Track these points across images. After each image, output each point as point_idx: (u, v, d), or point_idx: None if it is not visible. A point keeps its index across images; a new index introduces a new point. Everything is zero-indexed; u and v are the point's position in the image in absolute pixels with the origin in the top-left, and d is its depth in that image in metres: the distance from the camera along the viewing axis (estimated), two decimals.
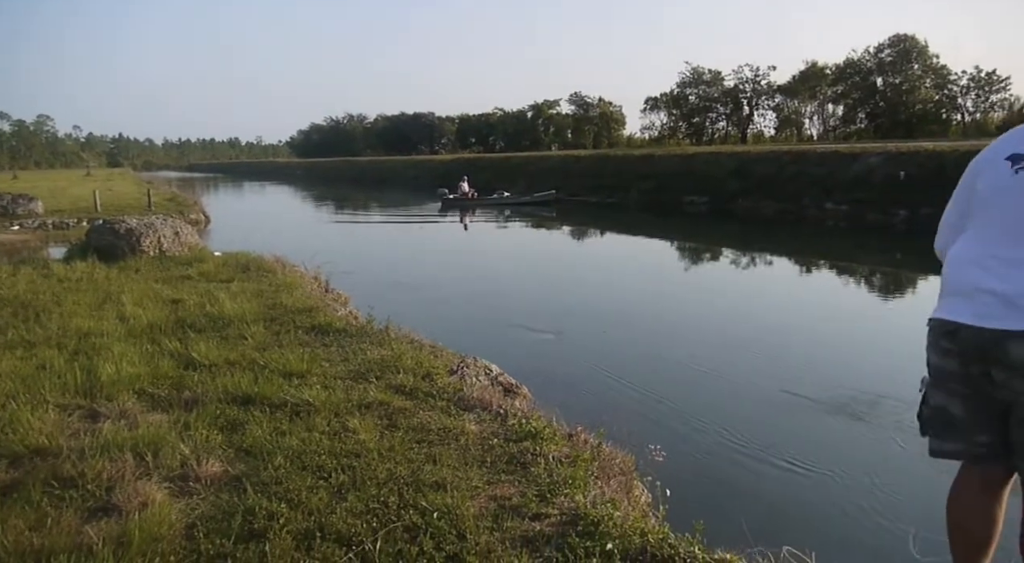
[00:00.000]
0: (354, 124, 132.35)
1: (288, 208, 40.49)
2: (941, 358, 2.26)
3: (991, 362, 2.12)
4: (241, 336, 6.08)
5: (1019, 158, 2.21)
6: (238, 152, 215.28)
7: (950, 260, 2.32)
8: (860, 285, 14.46)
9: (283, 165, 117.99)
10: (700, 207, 29.46)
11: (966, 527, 2.35)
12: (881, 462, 5.05)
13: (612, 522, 2.91)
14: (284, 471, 3.39)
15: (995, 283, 2.12)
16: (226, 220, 26.15)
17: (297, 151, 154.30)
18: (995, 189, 2.25)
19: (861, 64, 64.44)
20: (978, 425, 2.25)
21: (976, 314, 2.12)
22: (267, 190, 62.29)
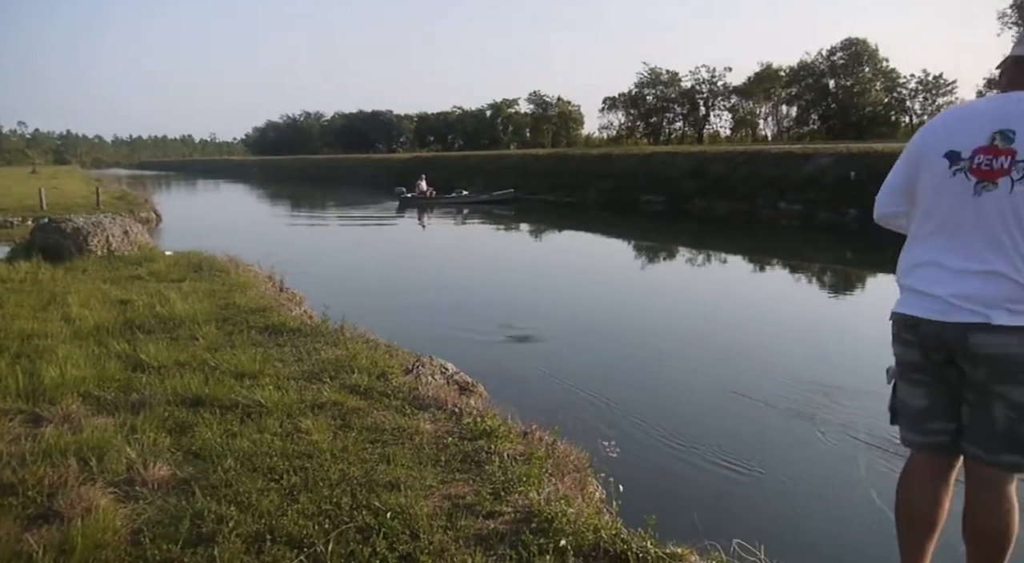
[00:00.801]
0: (311, 122, 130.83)
1: (243, 207, 39.89)
2: (904, 350, 2.39)
3: (954, 352, 2.24)
4: (192, 337, 5.97)
5: (956, 158, 2.26)
6: (191, 149, 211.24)
7: (905, 260, 2.42)
8: (812, 284, 14.73)
9: (238, 163, 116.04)
10: (657, 206, 29.73)
11: (915, 511, 2.42)
12: (829, 458, 5.14)
13: (566, 519, 2.92)
14: (234, 473, 3.33)
15: (944, 289, 2.23)
16: (178, 219, 25.63)
17: (253, 149, 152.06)
18: (935, 191, 2.32)
19: (814, 66, 65.68)
20: (938, 414, 2.36)
21: (934, 311, 2.24)
22: (221, 188, 61.28)
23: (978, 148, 2.22)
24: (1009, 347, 2.16)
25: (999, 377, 2.18)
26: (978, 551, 2.33)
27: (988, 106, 2.32)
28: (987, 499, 2.30)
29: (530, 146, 77.52)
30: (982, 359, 2.19)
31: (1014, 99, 2.26)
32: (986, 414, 2.24)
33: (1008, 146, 2.18)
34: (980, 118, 2.28)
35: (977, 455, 2.29)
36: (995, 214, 2.18)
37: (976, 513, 2.32)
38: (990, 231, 2.19)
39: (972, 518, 2.33)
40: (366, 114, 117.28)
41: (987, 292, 2.18)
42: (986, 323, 2.16)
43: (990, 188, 2.19)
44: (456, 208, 32.71)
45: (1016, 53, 2.36)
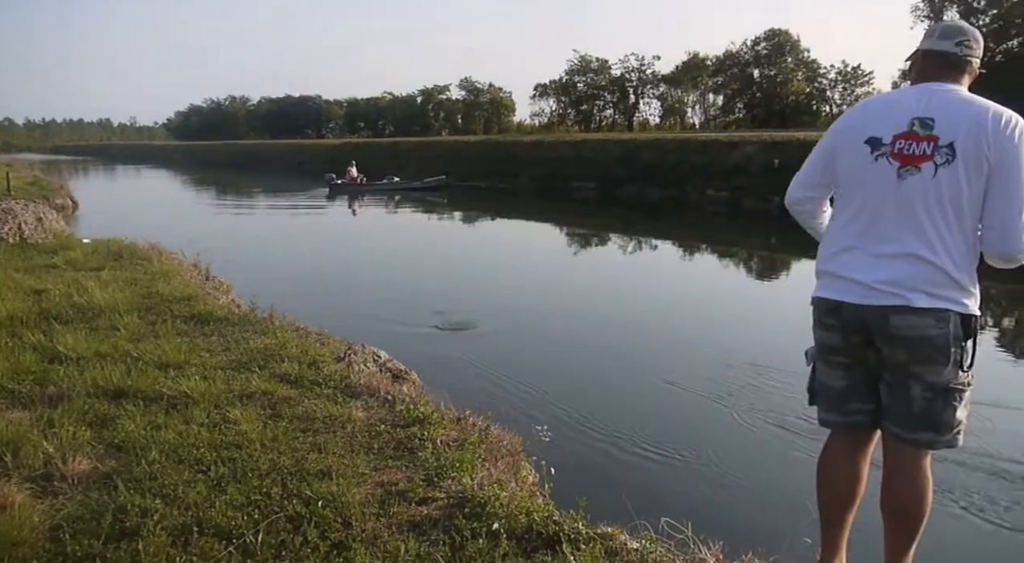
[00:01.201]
0: (236, 106, 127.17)
1: (165, 193, 38.65)
2: (824, 333, 2.44)
3: (874, 334, 2.31)
4: (113, 327, 5.76)
5: (877, 143, 2.34)
6: (110, 134, 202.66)
7: (826, 245, 2.49)
8: (739, 269, 15.14)
9: (160, 148, 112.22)
10: (588, 193, 30.02)
11: (836, 486, 2.52)
12: (752, 439, 5.31)
13: (499, 502, 2.93)
14: (159, 466, 3.24)
15: (865, 274, 2.30)
16: (97, 206, 24.68)
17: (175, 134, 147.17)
18: (856, 176, 2.39)
19: (739, 56, 67.05)
20: (856, 395, 2.44)
21: (856, 294, 2.31)
22: (143, 174, 59.21)
23: (898, 134, 2.31)
24: (927, 329, 2.24)
25: (917, 358, 2.27)
26: (896, 524, 2.43)
27: (904, 96, 2.42)
28: (905, 475, 2.40)
29: (462, 133, 77.11)
30: (901, 341, 2.26)
31: (930, 90, 2.36)
32: (904, 394, 2.33)
33: (928, 132, 2.27)
34: (898, 106, 2.38)
35: (897, 434, 2.38)
36: (918, 198, 2.26)
37: (894, 488, 2.42)
38: (912, 215, 2.27)
39: (890, 493, 2.43)
40: (294, 99, 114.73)
41: (907, 275, 2.25)
42: (906, 306, 2.23)
43: (913, 172, 2.26)
44: (387, 195, 32.38)
45: (924, 47, 2.46)
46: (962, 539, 3.92)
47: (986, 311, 9.33)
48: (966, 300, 2.28)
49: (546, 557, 2.61)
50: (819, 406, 2.55)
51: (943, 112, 2.29)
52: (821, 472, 2.56)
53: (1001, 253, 2.28)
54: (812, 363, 2.57)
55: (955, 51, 2.38)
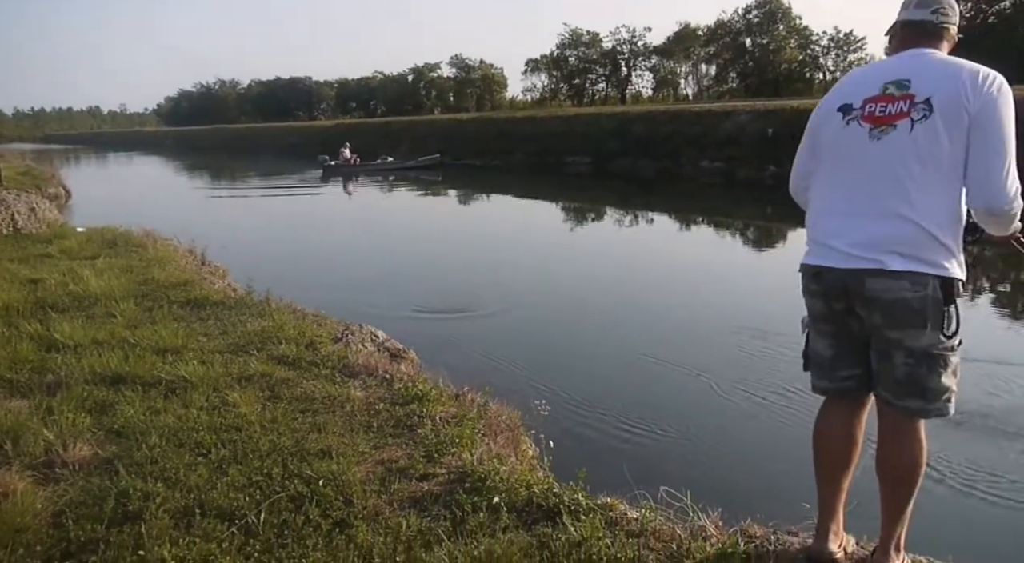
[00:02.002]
0: (227, 90, 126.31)
1: (158, 180, 38.41)
2: (811, 300, 2.45)
3: (853, 298, 2.30)
4: (109, 314, 5.76)
5: (848, 109, 2.34)
6: (100, 121, 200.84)
7: (811, 210, 2.50)
8: (736, 240, 15.12)
9: (151, 134, 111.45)
10: (582, 167, 29.93)
11: (832, 450, 2.52)
12: (749, 407, 5.31)
13: (499, 477, 2.95)
14: (160, 450, 3.25)
15: (843, 238, 2.30)
16: (90, 194, 24.58)
17: (166, 120, 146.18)
18: (832, 142, 2.40)
19: (731, 25, 66.61)
20: (844, 361, 2.44)
21: (835, 259, 2.30)
22: (135, 161, 58.81)
23: (868, 98, 2.31)
24: (903, 292, 2.21)
25: (893, 322, 2.25)
26: (890, 488, 2.45)
27: (881, 65, 2.43)
28: (897, 441, 2.40)
29: (454, 110, 76.74)
30: (876, 304, 2.25)
31: (906, 55, 2.37)
32: (888, 360, 2.32)
33: (904, 92, 2.25)
34: (873, 74, 2.39)
35: (888, 400, 2.38)
36: (895, 157, 2.23)
37: (888, 454, 2.43)
38: (890, 174, 2.24)
39: (884, 458, 2.44)
40: (284, 81, 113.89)
41: (885, 237, 2.22)
42: (880, 269, 2.21)
43: (888, 131, 2.24)
44: (382, 175, 32.23)
45: (902, 17, 2.44)
46: (956, 508, 3.96)
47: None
48: (947, 262, 2.22)
49: (547, 528, 2.63)
50: (812, 373, 2.57)
51: (919, 71, 2.29)
52: (816, 438, 2.57)
53: (986, 206, 2.23)
54: (806, 330, 2.58)
55: (931, 19, 2.37)
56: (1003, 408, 5.08)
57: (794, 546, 2.58)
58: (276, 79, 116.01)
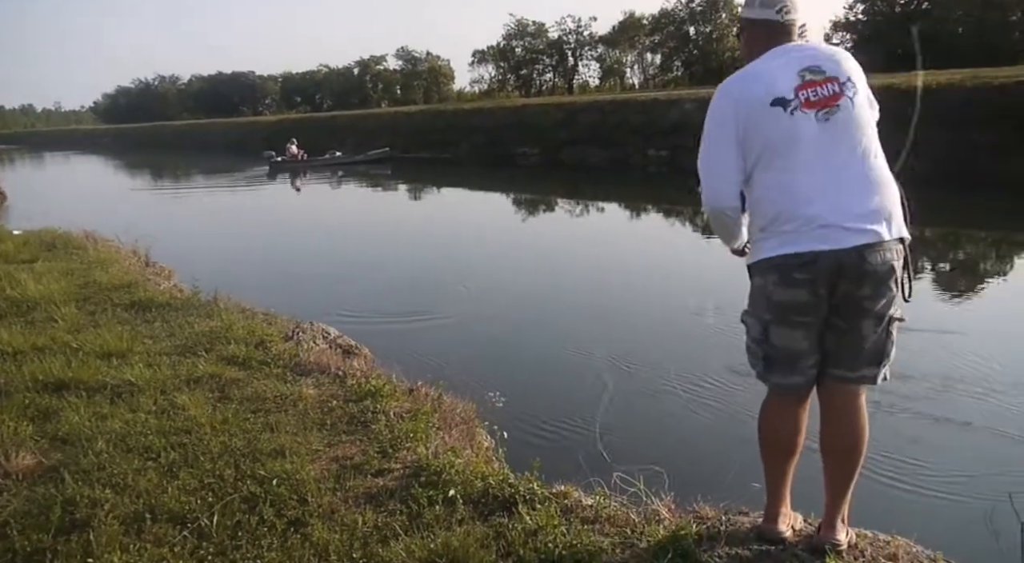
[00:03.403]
0: (166, 86, 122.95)
1: (98, 179, 37.37)
2: (790, 290, 2.34)
3: (845, 277, 2.29)
4: (50, 319, 5.60)
5: (783, 101, 2.35)
6: (34, 120, 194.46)
7: (771, 204, 2.39)
8: (684, 228, 15.29)
9: (88, 133, 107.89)
10: (532, 159, 29.95)
11: (787, 441, 2.55)
12: (699, 392, 5.40)
13: (454, 469, 2.97)
14: (107, 456, 3.18)
15: (834, 216, 2.29)
16: (26, 196, 23.79)
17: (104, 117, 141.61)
18: (781, 135, 2.36)
19: (675, 14, 67.13)
20: (813, 351, 2.43)
21: (831, 240, 2.28)
22: (72, 160, 57.09)
23: (797, 86, 2.35)
24: (893, 260, 2.30)
25: (878, 292, 2.30)
26: (840, 464, 2.51)
27: (772, 62, 2.44)
28: (847, 415, 2.47)
29: (401, 103, 76.01)
30: (870, 277, 2.28)
31: (781, 50, 2.44)
32: (856, 334, 2.36)
33: (824, 76, 2.37)
34: (776, 71, 2.40)
35: (842, 376, 2.43)
36: (847, 133, 2.33)
37: (839, 430, 2.49)
38: (849, 150, 2.33)
39: (834, 435, 2.50)
40: (226, 76, 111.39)
41: (873, 208, 2.29)
42: (879, 240, 2.27)
43: (833, 112, 2.33)
44: (330, 171, 31.86)
45: (749, 15, 2.53)
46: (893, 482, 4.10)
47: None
48: (905, 224, 2.36)
49: (503, 519, 2.66)
50: (775, 372, 2.47)
51: (820, 59, 2.40)
52: (770, 433, 2.56)
53: None
54: (763, 328, 2.46)
55: (777, 19, 2.48)
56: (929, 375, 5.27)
57: (744, 525, 2.64)
58: (218, 74, 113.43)
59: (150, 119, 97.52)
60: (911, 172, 2.72)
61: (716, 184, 2.50)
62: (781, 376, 2.48)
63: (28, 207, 19.49)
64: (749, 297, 2.52)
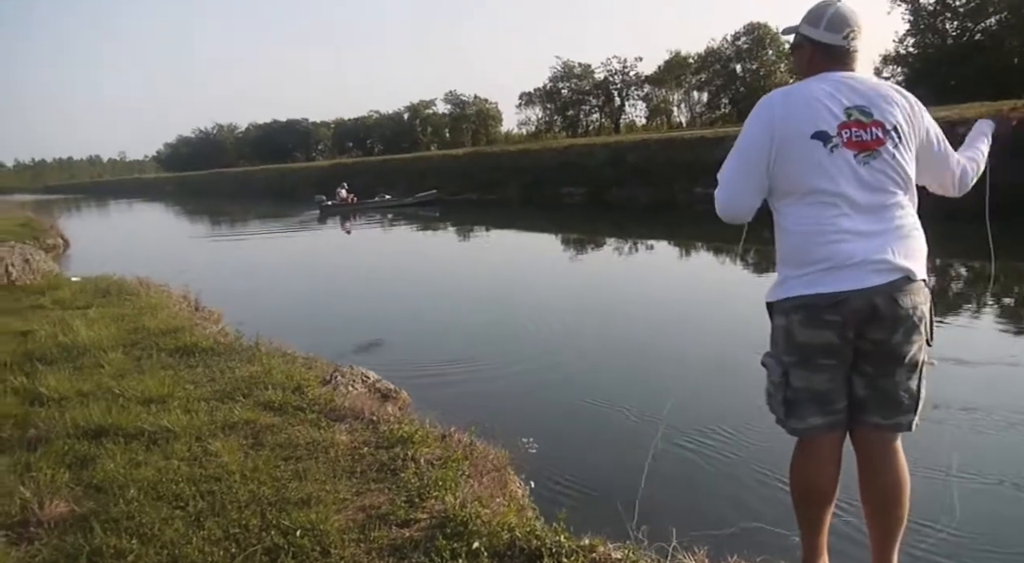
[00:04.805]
0: (225, 134, 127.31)
1: (157, 226, 38.60)
2: (816, 332, 2.28)
3: (877, 319, 2.23)
4: (97, 364, 5.71)
5: (825, 136, 2.29)
6: (100, 170, 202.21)
7: (801, 244, 2.34)
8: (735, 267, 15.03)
9: (151, 181, 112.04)
10: (576, 198, 30.03)
11: (819, 491, 2.44)
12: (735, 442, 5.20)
13: (480, 520, 2.89)
14: (137, 504, 3.19)
15: (865, 255, 2.24)
16: (89, 243, 24.65)
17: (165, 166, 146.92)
18: (817, 171, 2.30)
19: (720, 52, 67.21)
20: (839, 394, 2.36)
21: (862, 279, 2.22)
22: (135, 208, 59.14)
23: (841, 124, 2.30)
24: (923, 304, 2.27)
25: (909, 338, 2.25)
26: (885, 516, 2.39)
27: (817, 88, 2.37)
28: (889, 464, 2.36)
29: (450, 146, 77.15)
30: (904, 322, 2.23)
31: (839, 80, 2.37)
32: (890, 380, 2.29)
33: (871, 119, 2.32)
34: (824, 100, 2.34)
35: (877, 423, 2.34)
36: (884, 179, 2.29)
37: (879, 481, 2.38)
38: (884, 194, 2.29)
39: (876, 487, 2.38)
40: (281, 124, 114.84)
41: (904, 249, 2.26)
42: (907, 277, 2.23)
43: (874, 156, 2.29)
44: (380, 213, 32.37)
45: (812, 35, 2.46)
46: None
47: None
48: (927, 270, 2.34)
49: None
50: (796, 414, 2.39)
51: (872, 100, 2.34)
52: (803, 482, 2.46)
53: (960, 191, 2.65)
54: (783, 371, 2.38)
55: (842, 45, 2.41)
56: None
57: None
58: (273, 121, 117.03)
59: (209, 166, 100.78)
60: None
61: (736, 198, 2.47)
62: (799, 420, 2.40)
63: (89, 254, 20.17)
64: (771, 338, 2.44)
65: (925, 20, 45.82)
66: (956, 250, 11.93)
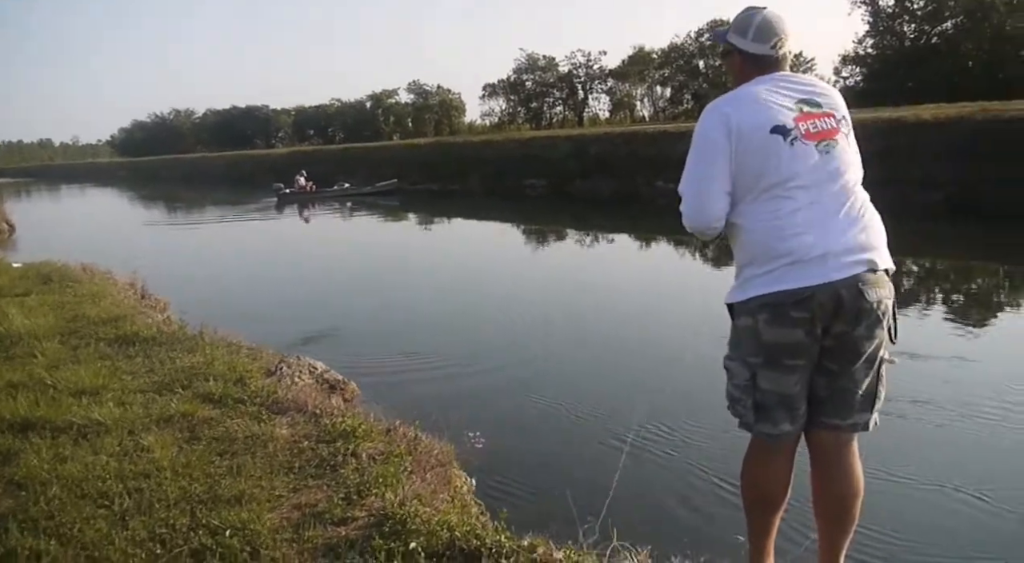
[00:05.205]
0: (182, 120, 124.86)
1: (110, 211, 37.67)
2: (784, 330, 2.18)
3: (842, 314, 2.15)
4: (31, 354, 5.47)
5: (784, 129, 2.24)
6: (52, 153, 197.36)
7: (764, 240, 2.24)
8: (694, 259, 15.10)
9: (105, 166, 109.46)
10: (539, 190, 29.97)
11: (767, 492, 2.39)
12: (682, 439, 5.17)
13: (419, 519, 2.79)
14: (59, 503, 3.02)
15: (827, 246, 2.16)
16: (37, 228, 23.94)
17: (120, 150, 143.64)
18: (778, 165, 2.23)
19: (684, 48, 67.68)
20: (803, 396, 2.29)
21: (827, 273, 2.14)
22: (87, 193, 57.68)
23: (798, 117, 2.28)
24: (887, 297, 2.20)
25: (871, 332, 2.18)
26: (837, 520, 2.34)
27: (767, 88, 2.34)
28: (842, 465, 2.31)
29: (412, 136, 76.62)
30: (867, 315, 2.15)
31: (777, 79, 2.38)
32: (850, 379, 2.23)
33: (821, 109, 2.31)
34: (773, 98, 2.31)
35: (835, 424, 2.28)
36: (844, 167, 2.26)
37: (832, 482, 2.32)
38: (844, 182, 2.25)
39: (832, 490, 2.33)
40: (240, 110, 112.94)
41: (867, 239, 2.21)
42: (871, 269, 2.16)
43: (832, 145, 2.26)
44: (339, 202, 31.96)
45: (740, 46, 2.45)
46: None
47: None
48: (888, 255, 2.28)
49: None
50: (764, 420, 2.29)
51: (812, 93, 2.35)
52: (753, 483, 2.41)
53: None
54: (751, 374, 2.28)
55: (770, 54, 2.41)
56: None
57: None
58: (232, 108, 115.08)
59: (165, 152, 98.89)
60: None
61: (703, 205, 2.35)
62: (771, 425, 2.30)
63: (36, 239, 19.58)
64: (731, 339, 2.36)
65: (884, 22, 46.63)
66: (909, 247, 12.12)
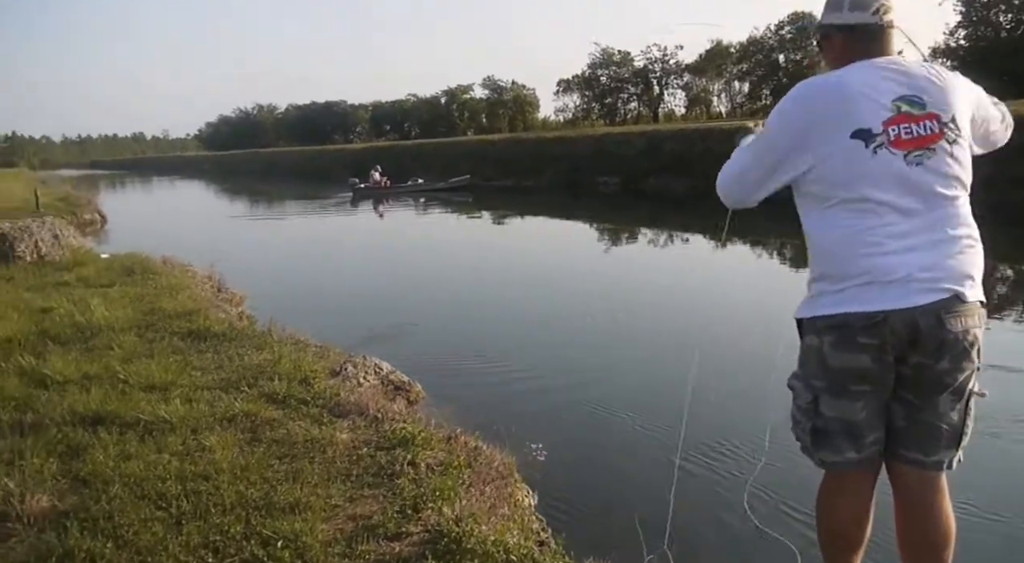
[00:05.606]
0: (264, 115, 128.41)
1: (196, 204, 38.98)
2: (850, 356, 2.01)
3: (921, 343, 1.95)
4: (108, 347, 5.60)
5: (867, 134, 1.98)
6: (144, 147, 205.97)
7: (838, 254, 2.04)
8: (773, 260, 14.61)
9: (192, 159, 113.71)
10: (612, 187, 29.62)
11: (849, 532, 2.21)
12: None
13: (475, 538, 2.68)
14: (119, 502, 3.03)
15: (910, 271, 1.93)
16: (128, 219, 24.88)
17: (207, 144, 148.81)
18: (856, 174, 2.00)
19: (763, 42, 65.88)
20: (873, 425, 2.10)
21: (904, 298, 1.93)
22: (175, 186, 59.91)
23: (887, 120, 1.98)
24: (976, 328, 1.97)
25: (958, 366, 1.97)
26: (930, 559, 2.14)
27: (865, 76, 2.04)
28: (927, 505, 2.11)
29: (487, 132, 76.79)
30: (951, 347, 1.94)
31: (879, 67, 2.05)
32: (932, 412, 2.03)
33: (924, 111, 1.99)
34: (867, 92, 2.01)
35: (917, 460, 2.08)
36: (939, 181, 1.97)
37: (916, 523, 2.13)
38: (939, 199, 1.97)
39: (917, 532, 2.13)
40: (320, 105, 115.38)
41: (958, 264, 1.96)
42: (958, 299, 1.93)
43: (927, 156, 1.96)
44: (413, 197, 32.28)
45: (836, 21, 2.16)
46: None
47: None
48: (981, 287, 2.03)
49: None
50: (826, 448, 2.13)
51: (923, 88, 2.01)
52: (830, 517, 2.22)
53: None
54: (813, 397, 2.11)
55: (873, 22, 2.09)
56: None
57: None
58: (312, 103, 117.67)
59: (248, 146, 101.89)
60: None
61: (739, 193, 2.31)
62: (832, 452, 2.13)
63: (126, 231, 20.31)
64: (799, 357, 2.17)
65: (978, 12, 44.36)
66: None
